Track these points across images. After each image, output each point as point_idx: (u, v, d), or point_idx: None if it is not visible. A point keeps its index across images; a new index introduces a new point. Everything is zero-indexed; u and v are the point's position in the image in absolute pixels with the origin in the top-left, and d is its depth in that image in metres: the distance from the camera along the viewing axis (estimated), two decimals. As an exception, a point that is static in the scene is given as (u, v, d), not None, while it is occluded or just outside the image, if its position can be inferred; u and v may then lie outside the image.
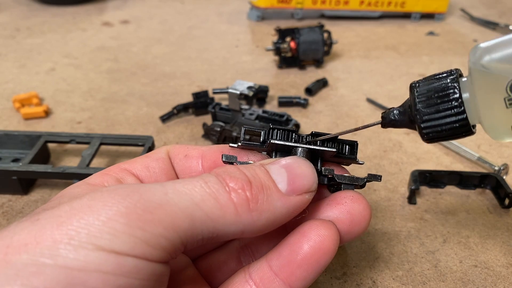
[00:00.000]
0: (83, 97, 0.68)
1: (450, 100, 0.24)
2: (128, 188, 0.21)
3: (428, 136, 0.25)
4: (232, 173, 0.23)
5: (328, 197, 0.28)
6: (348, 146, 0.28)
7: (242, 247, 0.30)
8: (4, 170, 0.45)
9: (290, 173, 0.24)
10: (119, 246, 0.19)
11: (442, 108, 0.24)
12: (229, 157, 0.27)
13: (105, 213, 0.19)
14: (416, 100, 0.25)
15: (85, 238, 0.18)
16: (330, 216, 0.26)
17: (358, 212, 0.26)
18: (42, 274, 0.17)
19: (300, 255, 0.25)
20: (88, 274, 0.18)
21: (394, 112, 0.26)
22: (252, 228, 0.23)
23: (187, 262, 0.29)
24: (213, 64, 0.80)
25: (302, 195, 0.24)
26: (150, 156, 0.29)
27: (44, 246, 0.18)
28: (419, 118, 0.25)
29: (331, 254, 0.25)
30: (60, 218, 0.19)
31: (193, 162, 0.29)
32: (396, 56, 0.84)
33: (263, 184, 0.23)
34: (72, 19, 1.02)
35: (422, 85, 0.25)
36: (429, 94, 0.24)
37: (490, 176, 0.47)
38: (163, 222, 0.20)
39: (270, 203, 0.23)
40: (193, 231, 0.21)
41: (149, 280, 0.20)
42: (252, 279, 0.26)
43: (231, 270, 0.28)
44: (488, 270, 0.39)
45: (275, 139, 0.27)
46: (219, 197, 0.22)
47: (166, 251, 0.20)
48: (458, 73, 0.24)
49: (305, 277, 0.25)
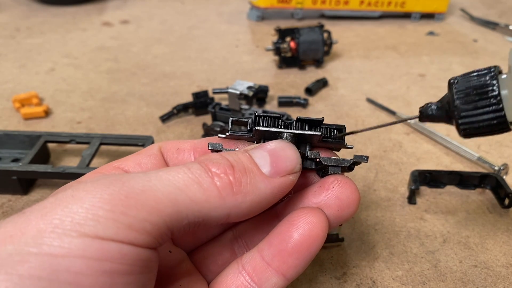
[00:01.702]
0: (83, 97, 0.68)
1: (489, 97, 0.24)
2: (111, 177, 0.21)
3: (465, 132, 0.25)
4: (214, 159, 0.24)
5: (316, 183, 0.28)
6: (336, 130, 0.28)
7: (236, 238, 0.30)
8: (4, 170, 0.45)
9: (272, 156, 0.25)
10: (103, 231, 0.19)
11: (480, 105, 0.24)
12: (215, 145, 0.27)
13: (89, 201, 0.19)
14: (455, 96, 0.25)
15: (69, 226, 0.18)
16: (318, 203, 0.27)
17: (346, 196, 0.27)
18: (27, 262, 0.17)
19: (291, 244, 0.25)
20: (72, 260, 0.18)
21: (432, 107, 0.27)
22: (237, 211, 0.23)
23: (182, 256, 0.29)
24: (213, 64, 0.80)
25: (285, 177, 0.24)
26: (142, 153, 0.29)
27: (29, 236, 0.18)
28: (456, 114, 0.25)
29: (321, 240, 0.25)
30: (45, 209, 0.19)
31: (186, 155, 0.29)
32: (396, 56, 0.84)
33: (246, 168, 0.24)
34: (72, 19, 1.02)
35: (460, 82, 0.25)
36: (467, 91, 0.25)
37: (490, 176, 0.47)
38: (146, 207, 0.20)
39: (254, 185, 0.23)
40: (178, 216, 0.21)
41: (135, 265, 0.20)
42: (245, 270, 0.26)
43: (225, 262, 0.29)
44: (488, 270, 0.39)
45: (260, 126, 0.27)
46: (202, 182, 0.22)
47: (151, 236, 0.20)
48: (497, 70, 0.25)
49: (296, 265, 0.25)
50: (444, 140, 0.56)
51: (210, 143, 0.27)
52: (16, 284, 0.17)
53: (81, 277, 0.18)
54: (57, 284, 0.18)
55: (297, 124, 0.28)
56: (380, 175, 0.51)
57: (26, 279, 0.17)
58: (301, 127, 0.27)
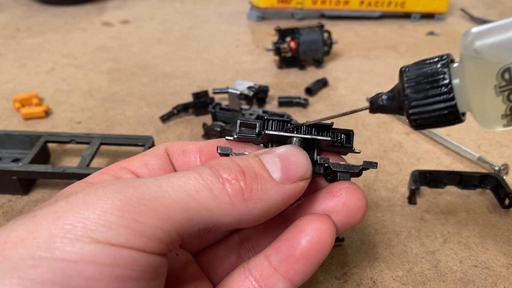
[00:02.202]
0: (83, 97, 0.68)
1: (440, 86, 0.23)
2: (122, 182, 0.21)
3: (416, 122, 0.24)
4: (225, 164, 0.23)
5: (325, 189, 0.28)
6: (344, 135, 0.28)
7: (242, 241, 0.30)
8: (4, 170, 0.45)
9: (283, 162, 0.24)
10: (114, 238, 0.19)
11: (431, 94, 0.23)
12: (224, 149, 0.27)
13: (100, 207, 0.19)
14: (405, 85, 0.24)
15: (81, 232, 0.18)
16: (326, 209, 0.27)
17: (354, 203, 0.27)
18: (39, 266, 0.17)
19: (298, 250, 0.25)
20: (85, 265, 0.18)
21: (382, 97, 0.26)
22: (248, 218, 0.23)
23: (189, 259, 0.29)
24: (213, 64, 0.80)
25: (296, 183, 0.24)
26: (148, 154, 0.29)
27: (41, 240, 0.18)
28: (407, 104, 0.24)
29: (329, 247, 0.25)
30: (56, 214, 0.19)
31: (191, 157, 0.29)
32: (396, 56, 0.84)
33: (257, 174, 0.23)
34: (72, 19, 1.02)
35: (412, 70, 0.24)
36: (418, 79, 0.23)
37: (490, 176, 0.47)
38: (157, 214, 0.20)
39: (265, 191, 0.23)
40: (189, 222, 0.21)
41: (146, 271, 0.20)
42: (252, 274, 0.26)
43: (231, 265, 0.29)
44: (488, 270, 0.39)
45: (269, 130, 0.27)
46: (213, 188, 0.22)
47: (162, 243, 0.20)
48: (449, 58, 0.24)
49: (303, 271, 0.25)
50: (444, 140, 0.56)
51: (219, 147, 0.27)
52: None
53: (93, 282, 0.18)
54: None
55: (306, 129, 0.27)
56: (380, 175, 0.51)
57: (38, 283, 0.17)
58: (310, 131, 0.27)
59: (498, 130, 0.24)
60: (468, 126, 0.58)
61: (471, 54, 0.22)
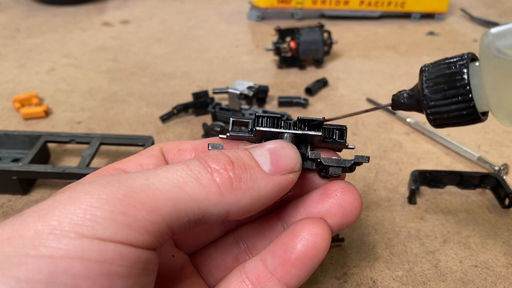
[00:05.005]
0: (83, 97, 0.68)
1: (457, 87, 0.23)
2: (109, 177, 0.21)
3: (435, 122, 0.24)
4: (214, 155, 0.23)
5: (319, 190, 0.28)
6: (337, 131, 0.28)
7: (237, 241, 0.30)
8: (4, 170, 0.45)
9: (273, 155, 0.25)
10: (101, 232, 0.18)
11: (450, 94, 0.23)
12: (215, 145, 0.27)
13: (87, 202, 0.19)
14: (424, 85, 0.24)
15: (68, 227, 0.18)
16: (321, 212, 0.27)
17: (349, 204, 0.27)
18: (24, 264, 0.17)
19: (294, 255, 0.25)
20: (71, 261, 0.18)
21: (404, 95, 0.26)
22: (237, 208, 0.23)
23: (184, 260, 0.29)
24: (213, 64, 0.80)
25: (286, 175, 0.24)
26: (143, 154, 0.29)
27: (27, 238, 0.18)
28: (425, 104, 0.24)
29: (324, 251, 0.25)
30: (43, 211, 0.19)
31: (187, 155, 0.29)
32: (396, 56, 0.84)
33: (246, 164, 0.23)
34: (72, 19, 1.02)
35: (431, 69, 0.24)
36: (437, 79, 0.23)
37: (490, 176, 0.47)
38: (145, 206, 0.20)
39: (254, 181, 0.23)
40: (177, 214, 0.21)
41: (134, 267, 0.19)
42: (248, 278, 0.26)
43: (227, 267, 0.29)
44: (488, 270, 0.39)
45: (260, 126, 0.27)
46: (201, 178, 0.22)
47: (151, 235, 0.20)
48: (469, 57, 0.23)
49: (299, 275, 0.25)
50: (444, 140, 0.56)
51: (210, 144, 0.27)
52: (13, 287, 0.17)
53: (79, 279, 0.18)
54: (55, 286, 0.17)
55: (298, 125, 0.27)
56: (380, 175, 0.51)
57: (24, 282, 0.17)
58: (302, 127, 0.27)
59: None
60: (468, 126, 0.58)
61: (493, 53, 0.22)
